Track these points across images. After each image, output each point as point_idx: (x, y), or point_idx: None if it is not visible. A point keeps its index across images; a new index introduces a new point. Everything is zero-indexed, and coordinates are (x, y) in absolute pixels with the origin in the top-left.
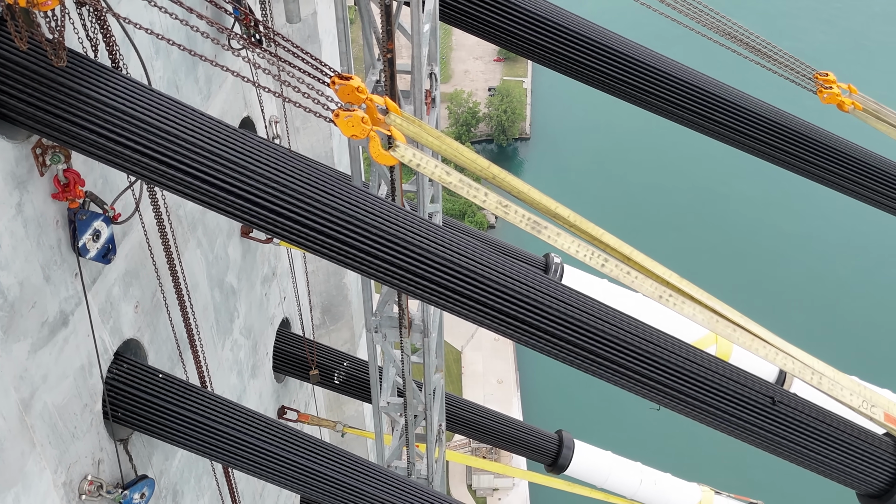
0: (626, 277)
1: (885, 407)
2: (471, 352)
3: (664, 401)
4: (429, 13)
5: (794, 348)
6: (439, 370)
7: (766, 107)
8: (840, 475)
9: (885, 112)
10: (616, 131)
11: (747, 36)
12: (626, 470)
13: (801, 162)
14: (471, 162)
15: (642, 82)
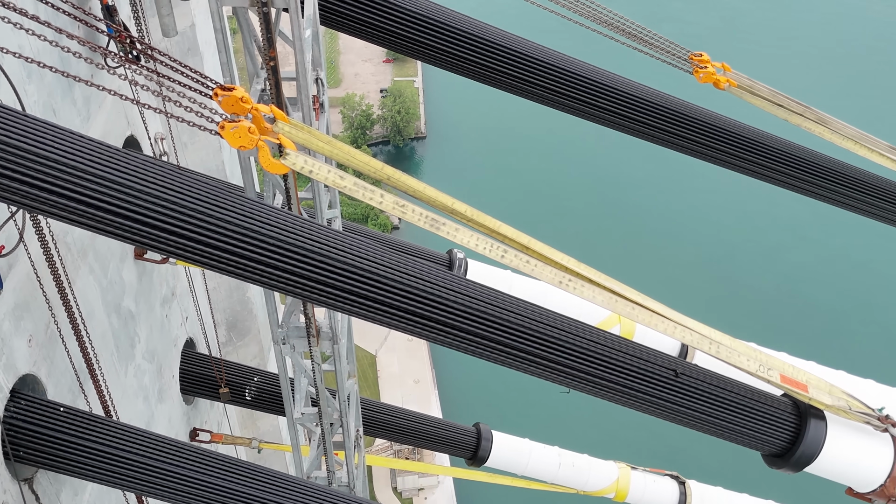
0: (525, 266)
1: (781, 369)
2: (385, 354)
3: (572, 383)
4: (309, 18)
5: (692, 321)
6: (352, 376)
7: (646, 89)
8: (744, 438)
9: (758, 87)
10: (510, 124)
11: (624, 23)
12: (544, 455)
13: (682, 140)
14: (364, 164)
15: (526, 74)
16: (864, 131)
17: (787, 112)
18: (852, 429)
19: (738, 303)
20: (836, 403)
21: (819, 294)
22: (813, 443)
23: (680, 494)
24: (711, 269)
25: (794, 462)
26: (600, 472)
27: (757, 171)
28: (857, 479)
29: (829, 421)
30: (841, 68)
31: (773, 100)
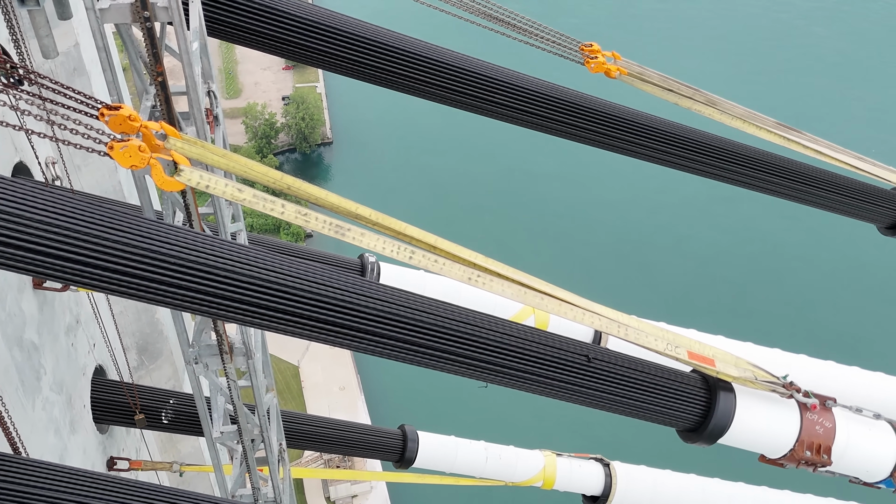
0: (433, 266)
1: (688, 346)
2: (308, 364)
3: (488, 377)
4: (195, 31)
5: (601, 307)
6: (270, 390)
7: (540, 83)
8: (658, 416)
9: (648, 74)
10: (416, 123)
11: (515, 18)
12: (471, 451)
13: (579, 130)
14: (262, 175)
15: (423, 75)
16: (751, 110)
17: (678, 96)
18: (760, 398)
19: (649, 284)
20: (743, 375)
21: (724, 270)
22: (723, 415)
23: (605, 476)
24: (621, 254)
25: (708, 435)
26: (527, 463)
27: (654, 156)
28: (768, 445)
29: (737, 392)
30: (727, 50)
31: (663, 85)
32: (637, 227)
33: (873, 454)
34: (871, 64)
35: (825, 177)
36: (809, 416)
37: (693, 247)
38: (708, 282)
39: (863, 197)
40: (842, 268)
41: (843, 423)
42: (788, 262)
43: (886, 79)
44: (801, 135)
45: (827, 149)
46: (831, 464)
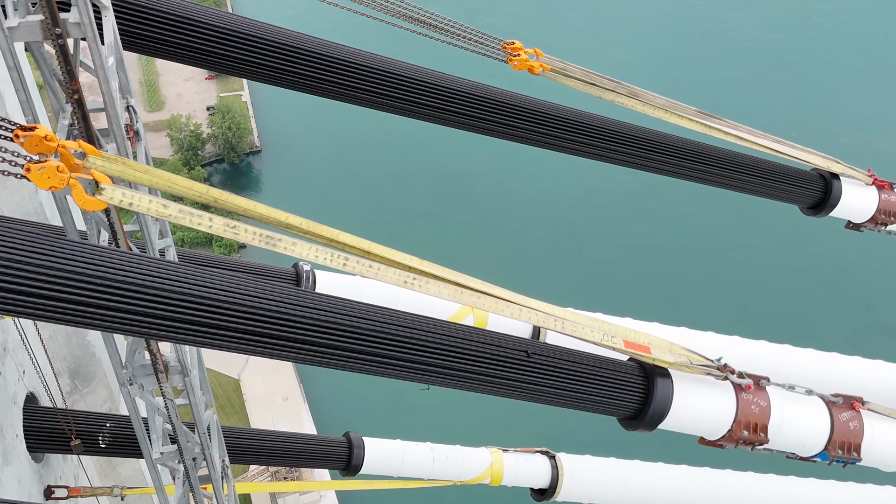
0: (368, 271)
1: (624, 335)
2: (249, 377)
3: (429, 378)
4: (110, 45)
5: (537, 302)
6: (209, 406)
7: (465, 82)
8: (598, 406)
9: (570, 69)
10: (346, 128)
11: (436, 19)
12: (417, 453)
13: (506, 128)
14: (187, 189)
15: (347, 79)
16: (672, 100)
17: (601, 90)
18: (696, 382)
19: (585, 277)
20: (678, 360)
21: (656, 258)
22: (662, 401)
23: (552, 468)
24: (556, 248)
25: (648, 421)
26: (474, 461)
27: (580, 150)
28: (707, 428)
29: (674, 378)
30: (646, 41)
31: (585, 79)
32: (569, 220)
33: (807, 429)
34: (786, 49)
35: (747, 161)
36: (744, 397)
37: (625, 237)
38: (641, 270)
39: (784, 179)
40: (768, 249)
41: (778, 401)
42: (717, 247)
43: (802, 63)
44: (721, 121)
45: (747, 134)
46: (768, 441)
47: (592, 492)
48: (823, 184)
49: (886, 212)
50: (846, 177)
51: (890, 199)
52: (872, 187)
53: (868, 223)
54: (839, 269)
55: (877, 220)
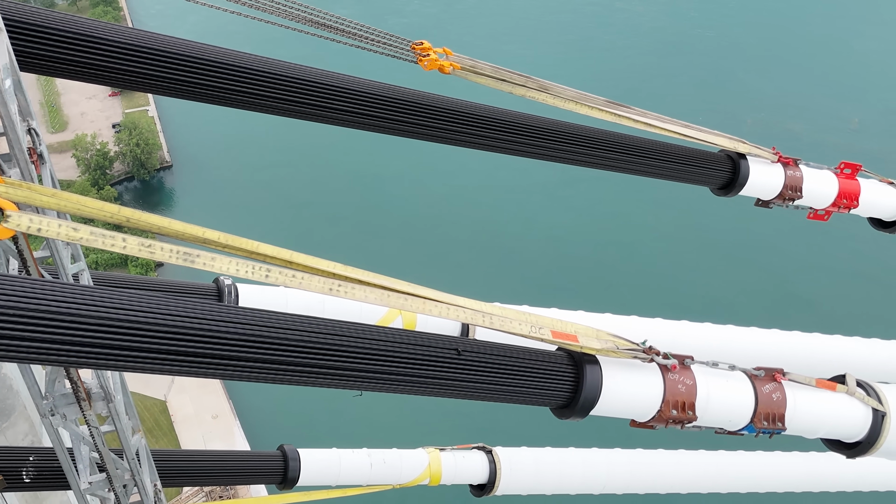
0: (291, 281)
1: (551, 325)
2: (176, 397)
3: (361, 384)
4: (5, 67)
5: (464, 299)
6: (137, 430)
7: (377, 84)
8: (530, 398)
9: (480, 66)
10: (258, 138)
11: (344, 23)
12: (354, 460)
13: (421, 127)
14: (98, 210)
15: (255, 88)
16: (582, 91)
17: (511, 85)
18: (624, 366)
19: (510, 271)
20: (605, 346)
21: (578, 248)
22: (592, 388)
23: (489, 463)
24: (480, 245)
25: (580, 409)
26: (412, 462)
27: (496, 145)
28: (637, 410)
29: (602, 364)
30: (554, 35)
31: (496, 76)
32: (491, 216)
33: (733, 404)
34: (688, 35)
35: (656, 147)
36: (671, 377)
37: (546, 229)
38: (564, 261)
39: (693, 162)
40: (683, 232)
41: (703, 378)
42: (635, 233)
43: (705, 48)
44: (630, 109)
45: (655, 120)
46: (697, 419)
47: (531, 483)
48: (731, 164)
49: (793, 187)
50: (753, 156)
51: (795, 175)
52: (778, 165)
53: (776, 199)
54: (752, 246)
55: (784, 195)
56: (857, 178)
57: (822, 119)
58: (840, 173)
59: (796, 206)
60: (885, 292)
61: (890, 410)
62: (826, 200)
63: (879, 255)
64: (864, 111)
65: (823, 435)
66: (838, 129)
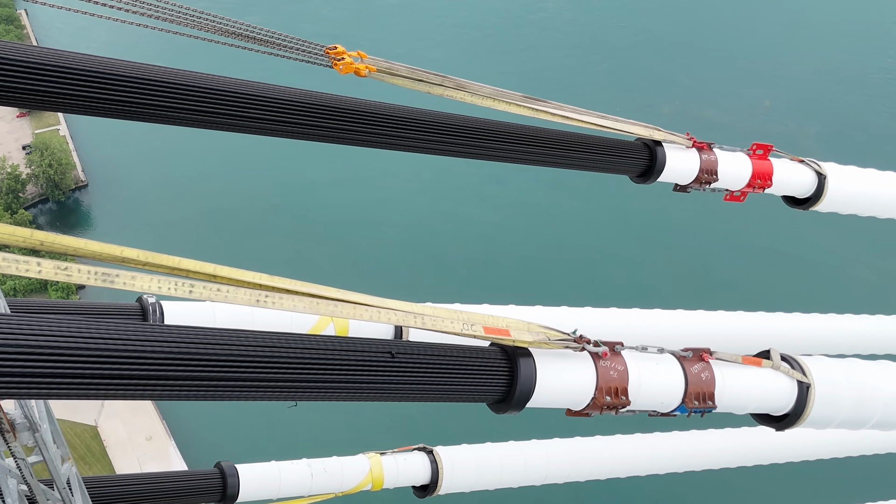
0: (217, 295)
1: (483, 322)
2: (107, 421)
3: (295, 395)
4: None
5: (395, 301)
6: (66, 459)
7: (293, 91)
8: (467, 395)
9: (396, 67)
10: (177, 152)
11: (256, 32)
12: (294, 471)
13: (341, 131)
14: (9, 236)
15: (169, 101)
16: (499, 88)
17: (429, 85)
18: (556, 357)
19: (440, 270)
20: (537, 338)
21: (505, 243)
22: (526, 380)
23: (431, 463)
24: (409, 246)
25: (516, 402)
26: (353, 469)
27: (417, 145)
28: (572, 399)
29: (535, 356)
30: (469, 33)
31: (412, 76)
32: (418, 217)
33: (664, 385)
34: (602, 29)
35: (575, 139)
36: (602, 364)
37: (473, 227)
38: (493, 257)
39: (611, 152)
40: (607, 222)
41: (633, 363)
42: (561, 225)
43: (618, 41)
44: (547, 104)
45: (572, 113)
46: (630, 403)
47: (473, 480)
48: (648, 152)
49: (708, 171)
50: (668, 143)
51: (710, 159)
52: (693, 150)
53: (693, 184)
54: (674, 231)
55: (701, 179)
56: (769, 158)
57: (734, 103)
58: (753, 154)
59: (713, 188)
60: (802, 268)
61: (814, 381)
62: (741, 181)
63: (795, 233)
64: (774, 93)
65: (753, 410)
66: (750, 113)
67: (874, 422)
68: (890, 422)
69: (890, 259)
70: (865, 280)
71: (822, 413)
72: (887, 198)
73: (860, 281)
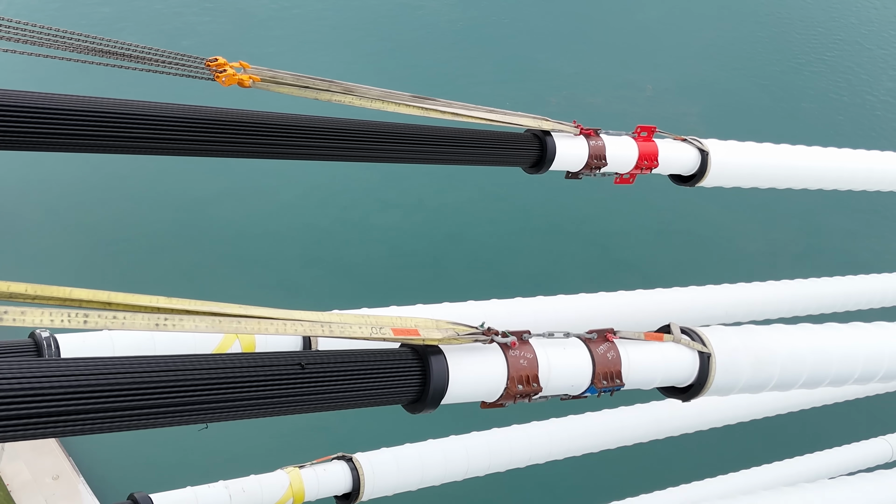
0: (113, 323)
1: (391, 324)
2: (9, 464)
3: (204, 417)
4: None
5: (301, 312)
6: None
7: (173, 106)
8: (381, 398)
9: (281, 76)
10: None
11: (132, 49)
12: (211, 495)
13: (224, 144)
14: None
15: (42, 126)
16: (387, 89)
17: (315, 91)
18: (467, 351)
19: (347, 277)
20: (446, 335)
21: (408, 242)
22: (439, 378)
23: (351, 470)
24: (315, 255)
25: (430, 401)
26: (272, 485)
27: (308, 153)
28: (485, 391)
29: (446, 353)
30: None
31: (298, 83)
32: (318, 225)
33: (573, 369)
34: (484, 24)
35: (466, 134)
36: (512, 354)
37: (374, 230)
38: (397, 258)
39: (502, 145)
40: (507, 214)
41: (542, 350)
42: (462, 222)
43: (500, 35)
44: (436, 102)
45: (462, 109)
46: (542, 389)
47: (395, 482)
48: (538, 142)
49: (597, 156)
50: (557, 132)
51: (598, 145)
52: (581, 137)
53: (584, 170)
54: (572, 219)
55: (591, 165)
56: (653, 139)
57: (620, 90)
58: (638, 137)
59: (603, 173)
60: (694, 243)
61: (713, 350)
62: (629, 164)
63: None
64: (657, 77)
65: (659, 384)
66: (635, 98)
67: (773, 383)
68: (788, 382)
69: (775, 228)
70: (755, 250)
71: (724, 380)
72: (766, 168)
73: (749, 251)
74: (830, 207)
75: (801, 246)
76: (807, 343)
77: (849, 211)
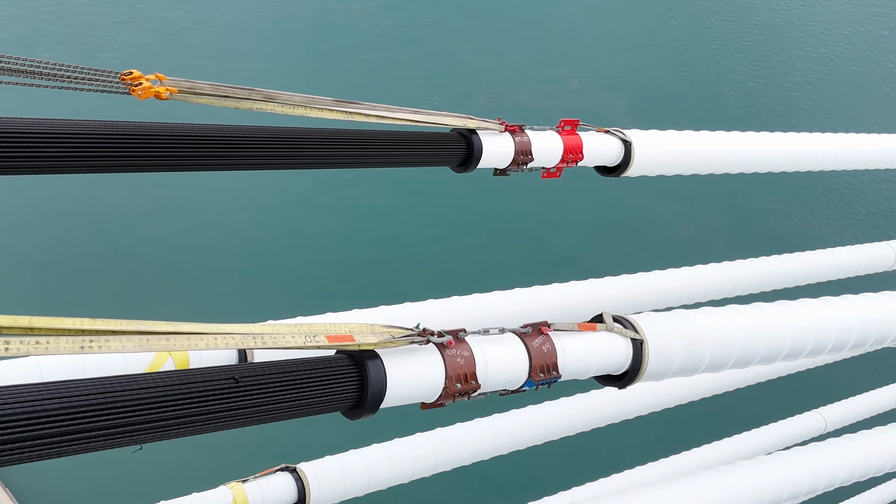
0: (36, 349)
1: (325, 331)
2: None
3: (139, 439)
4: None
5: (232, 325)
6: None
7: (86, 123)
8: (320, 406)
9: (199, 86)
10: None
11: (41, 66)
12: None
13: (148, 159)
14: None
15: None
16: (310, 95)
17: (236, 100)
18: (403, 354)
19: (282, 286)
20: (382, 339)
21: (345, 249)
22: (377, 382)
23: (296, 481)
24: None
25: (369, 406)
26: (215, 502)
27: (228, 164)
28: (425, 392)
29: (383, 357)
30: (276, 43)
31: (217, 93)
32: (252, 236)
33: (509, 364)
34: (407, 26)
35: (392, 137)
36: (449, 353)
37: (309, 238)
38: (332, 265)
39: (428, 145)
40: (440, 214)
41: (478, 347)
42: (393, 224)
43: (425, 36)
44: (360, 105)
45: (386, 112)
46: (480, 386)
47: (341, 489)
48: (465, 141)
49: (523, 152)
50: (482, 130)
51: (523, 141)
52: (506, 133)
53: (511, 166)
54: (504, 216)
55: (517, 161)
56: (577, 132)
57: (546, 86)
58: (562, 131)
59: (530, 168)
60: (624, 233)
61: (646, 336)
62: (555, 158)
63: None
64: (582, 72)
65: (595, 373)
66: (561, 93)
67: (706, 365)
68: (720, 363)
69: (700, 213)
70: (683, 236)
71: (657, 365)
72: (687, 155)
73: (678, 237)
74: (753, 190)
75: (727, 229)
76: (735, 324)
77: (770, 192)
